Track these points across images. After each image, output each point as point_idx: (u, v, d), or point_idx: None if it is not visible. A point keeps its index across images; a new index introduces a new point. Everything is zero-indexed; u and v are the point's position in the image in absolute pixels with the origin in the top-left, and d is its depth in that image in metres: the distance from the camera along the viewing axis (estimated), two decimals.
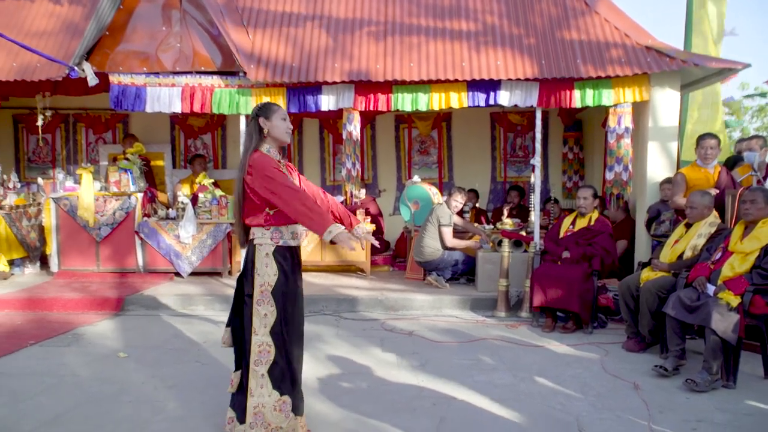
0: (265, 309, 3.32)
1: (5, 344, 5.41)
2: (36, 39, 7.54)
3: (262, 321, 3.31)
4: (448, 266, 7.44)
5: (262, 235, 3.36)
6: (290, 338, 3.39)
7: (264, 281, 3.32)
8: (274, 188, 3.25)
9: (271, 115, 3.40)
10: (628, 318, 5.48)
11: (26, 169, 10.24)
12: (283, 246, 3.38)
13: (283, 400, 3.34)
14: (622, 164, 7.25)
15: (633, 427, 3.73)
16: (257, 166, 3.28)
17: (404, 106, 7.45)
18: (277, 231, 3.36)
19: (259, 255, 3.35)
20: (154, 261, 7.94)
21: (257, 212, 3.35)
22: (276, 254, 3.35)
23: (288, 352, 3.37)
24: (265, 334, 3.31)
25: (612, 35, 7.43)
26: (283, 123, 3.44)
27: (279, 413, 3.32)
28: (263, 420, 3.29)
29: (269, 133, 3.40)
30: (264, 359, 3.30)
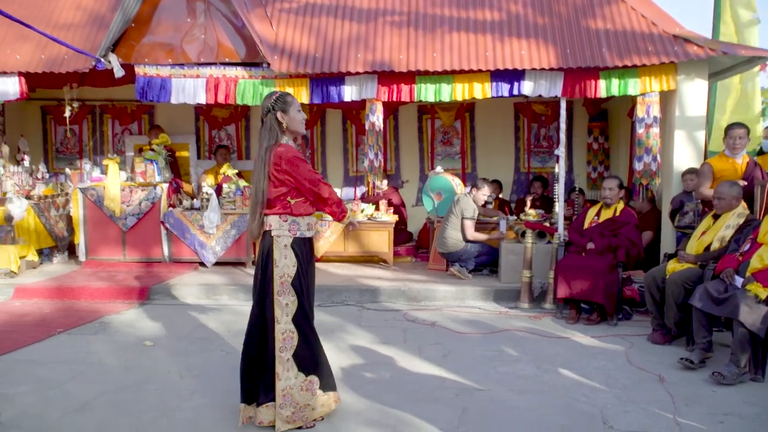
0: (286, 299, 3.44)
1: (34, 332, 5.52)
2: (63, 31, 7.63)
3: (284, 310, 3.44)
4: (471, 257, 7.41)
5: (280, 227, 3.45)
6: (310, 323, 3.56)
7: (283, 272, 3.44)
8: (306, 177, 3.43)
9: (288, 108, 3.48)
10: (653, 310, 5.42)
11: (54, 159, 10.38)
12: (300, 237, 3.49)
13: (310, 380, 3.50)
14: (651, 155, 7.15)
15: (658, 420, 3.70)
16: (287, 157, 3.40)
17: (427, 96, 7.42)
18: (295, 222, 3.47)
19: (277, 246, 3.44)
20: (179, 251, 8.03)
21: (278, 203, 3.45)
22: (294, 245, 3.46)
23: (309, 336, 3.53)
24: (288, 322, 3.45)
25: (638, 23, 7.32)
26: (299, 114, 3.54)
27: (306, 392, 3.48)
28: (292, 400, 3.44)
29: (288, 126, 3.47)
30: (288, 345, 3.45)
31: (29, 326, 5.74)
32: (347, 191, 10.13)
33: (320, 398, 3.54)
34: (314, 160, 10.22)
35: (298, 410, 3.45)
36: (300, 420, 3.46)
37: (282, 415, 3.42)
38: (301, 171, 3.43)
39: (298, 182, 3.42)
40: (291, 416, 3.44)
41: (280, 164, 3.38)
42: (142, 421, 3.66)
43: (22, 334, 5.46)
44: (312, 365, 3.52)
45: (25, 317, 6.09)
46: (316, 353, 3.57)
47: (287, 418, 3.43)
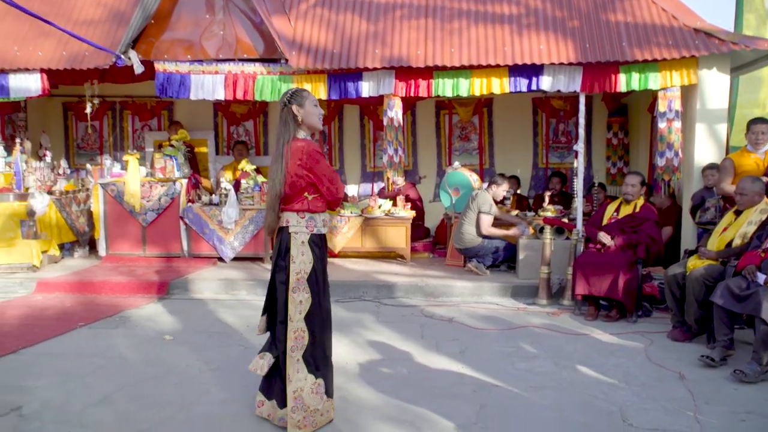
0: (301, 296, 3.41)
1: (56, 326, 5.59)
2: (84, 28, 7.69)
3: (298, 308, 3.41)
4: (489, 253, 7.39)
5: (298, 223, 3.44)
6: (322, 323, 3.51)
7: (300, 269, 3.42)
8: (323, 171, 3.41)
9: (304, 102, 3.46)
10: (673, 307, 5.37)
11: (75, 155, 10.50)
12: (316, 234, 3.49)
13: (318, 383, 3.47)
14: (673, 150, 7.08)
15: (678, 417, 3.67)
16: (308, 151, 3.38)
17: (445, 91, 7.40)
18: (312, 219, 3.46)
19: (294, 243, 3.43)
20: (198, 246, 8.09)
21: (296, 198, 3.43)
22: (311, 242, 3.45)
23: (321, 337, 3.49)
24: (300, 320, 3.41)
25: (659, 17, 7.24)
26: (316, 109, 3.51)
27: (315, 395, 3.44)
28: (302, 404, 3.40)
29: (303, 120, 3.46)
30: (299, 344, 3.41)
31: (51, 320, 5.82)
32: (365, 187, 10.14)
33: (326, 403, 3.50)
34: (332, 156, 10.23)
35: (308, 414, 3.41)
36: (310, 425, 3.41)
37: (293, 419, 3.38)
38: (322, 167, 3.41)
39: (317, 178, 3.40)
40: (302, 421, 3.39)
41: (302, 158, 3.35)
42: (161, 414, 3.69)
43: (43, 327, 5.53)
44: (320, 367, 3.48)
45: (46, 311, 6.17)
46: (326, 355, 3.54)
47: (298, 422, 3.38)
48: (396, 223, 8.04)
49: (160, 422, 3.58)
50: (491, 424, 3.56)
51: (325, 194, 3.46)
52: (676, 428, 3.53)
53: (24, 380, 4.25)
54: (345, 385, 4.16)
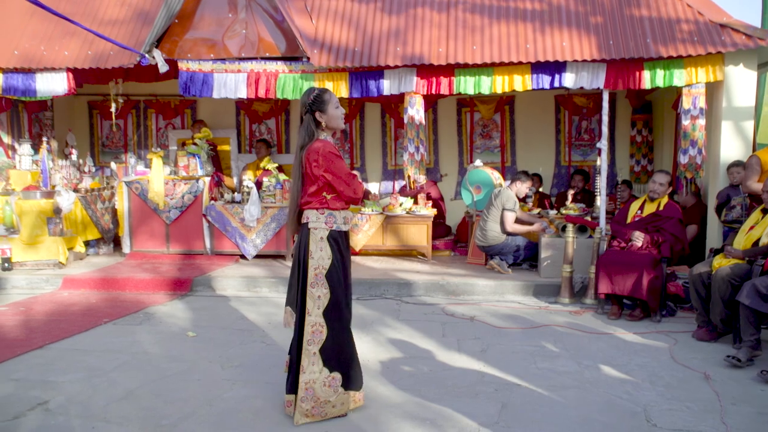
0: (319, 291, 3.46)
1: (82, 322, 5.67)
2: (109, 27, 7.78)
3: (316, 303, 3.46)
4: (511, 251, 7.35)
5: (317, 219, 3.48)
6: (342, 319, 3.55)
7: (318, 264, 3.46)
8: (339, 171, 3.44)
9: (326, 108, 3.50)
10: (698, 306, 5.30)
11: (100, 153, 10.63)
12: (336, 230, 3.52)
13: (333, 377, 3.51)
14: (697, 147, 6.98)
15: (704, 418, 3.62)
16: (324, 153, 3.42)
17: (467, 89, 7.37)
18: (331, 216, 3.50)
19: (313, 239, 3.47)
20: (220, 243, 8.15)
21: (315, 198, 3.48)
22: (330, 238, 3.49)
23: (339, 332, 3.53)
24: (318, 315, 3.46)
25: (684, 13, 7.15)
26: (338, 111, 3.55)
27: (328, 388, 3.49)
28: (313, 394, 3.46)
29: (326, 125, 3.51)
30: (317, 339, 3.46)
31: (77, 316, 5.90)
32: (386, 185, 10.14)
33: (341, 396, 3.54)
34: (353, 154, 10.25)
35: (318, 405, 3.46)
36: (318, 415, 3.48)
37: (302, 408, 3.45)
38: (337, 167, 3.44)
39: (333, 178, 3.43)
40: (310, 410, 3.45)
41: (318, 159, 3.40)
42: (184, 410, 3.73)
43: (69, 323, 5.61)
44: (337, 362, 3.51)
45: (72, 307, 6.26)
46: (345, 350, 3.56)
47: (306, 411, 3.45)
48: (417, 221, 8.04)
49: (183, 418, 3.62)
50: (513, 424, 3.54)
51: (341, 194, 3.49)
52: (702, 429, 3.48)
53: (50, 375, 4.31)
54: (366, 382, 4.15)
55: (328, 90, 3.56)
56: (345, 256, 3.59)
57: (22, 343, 5.00)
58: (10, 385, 4.13)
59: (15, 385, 4.13)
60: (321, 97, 3.50)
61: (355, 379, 3.61)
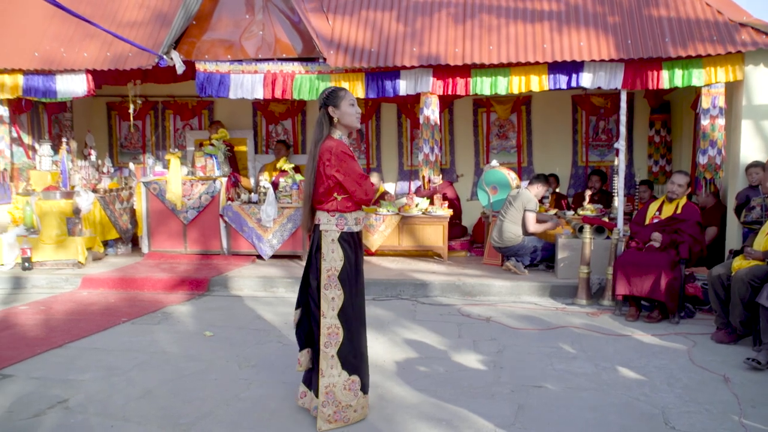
0: (333, 293, 3.44)
1: (100, 321, 5.72)
2: (127, 29, 7.85)
3: (330, 304, 3.44)
4: (528, 252, 7.32)
5: (328, 221, 3.48)
6: (357, 320, 3.53)
7: (330, 266, 3.45)
8: (350, 172, 3.41)
9: (339, 103, 3.48)
10: (717, 308, 5.25)
11: (119, 154, 10.73)
12: (347, 232, 3.50)
13: (353, 380, 3.49)
14: (716, 147, 6.91)
15: (723, 421, 3.59)
16: (335, 152, 3.41)
17: (483, 90, 7.35)
18: (342, 218, 3.48)
19: (325, 240, 3.47)
20: (237, 244, 8.20)
21: (327, 198, 3.47)
22: (341, 240, 3.48)
23: (355, 333, 3.51)
24: (334, 317, 3.44)
25: (703, 12, 7.08)
26: (352, 108, 3.51)
27: (348, 392, 3.47)
28: (334, 398, 3.44)
29: (339, 120, 3.50)
30: (333, 341, 3.44)
31: (95, 315, 5.96)
32: (402, 185, 10.14)
33: (361, 400, 3.52)
34: (369, 154, 10.26)
35: (339, 410, 3.44)
36: (341, 420, 3.45)
37: (324, 413, 3.42)
38: (349, 168, 3.42)
39: (345, 179, 3.41)
40: (333, 416, 3.43)
41: (331, 159, 3.39)
42: (202, 409, 3.75)
43: (88, 322, 5.67)
44: (355, 364, 3.49)
45: (91, 306, 6.32)
46: (361, 352, 3.54)
47: (329, 417, 3.42)
48: (433, 221, 8.03)
49: (201, 417, 3.64)
50: (530, 425, 3.53)
51: (353, 195, 3.46)
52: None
53: (70, 374, 4.36)
54: (383, 383, 4.17)
55: (346, 89, 3.56)
56: (358, 256, 3.57)
57: (42, 342, 5.06)
58: (31, 383, 4.18)
59: (35, 383, 4.18)
60: (336, 93, 3.49)
61: (367, 381, 3.60)
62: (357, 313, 3.54)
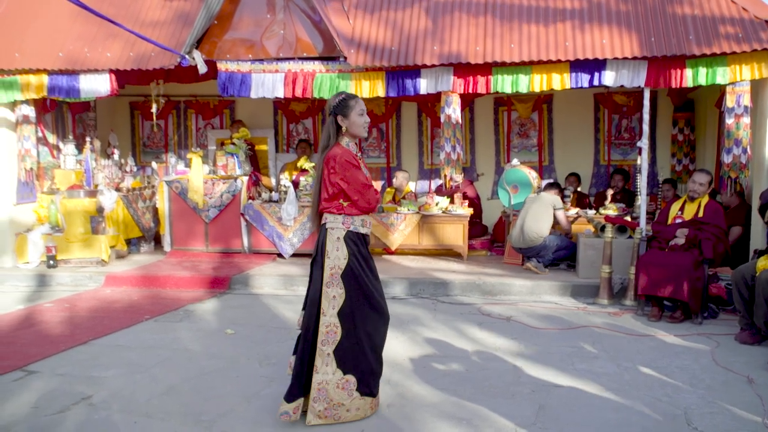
0: (334, 291, 3.45)
1: (124, 318, 5.79)
2: (150, 29, 7.92)
3: (331, 303, 3.45)
4: (551, 251, 7.26)
5: (334, 220, 3.51)
6: (360, 321, 3.50)
7: (334, 264, 3.47)
8: (353, 180, 3.44)
9: (349, 113, 3.50)
10: (741, 308, 5.18)
11: (141, 153, 10.83)
12: (353, 231, 3.52)
13: (347, 379, 3.48)
14: (741, 146, 6.81)
15: (746, 423, 3.54)
16: (339, 160, 3.44)
17: (504, 88, 7.31)
18: (348, 217, 3.51)
19: (330, 239, 3.49)
20: (258, 242, 8.25)
21: (331, 203, 3.51)
22: (347, 238, 3.49)
23: (356, 334, 3.48)
24: (333, 315, 3.45)
25: (728, 9, 6.98)
26: (360, 118, 3.52)
27: (342, 391, 3.46)
28: (326, 395, 3.44)
29: (347, 130, 3.51)
30: (331, 339, 3.45)
31: (119, 312, 6.03)
32: (422, 184, 10.13)
33: (356, 400, 3.50)
34: (389, 153, 10.26)
35: (330, 407, 3.44)
36: (332, 417, 3.45)
37: (314, 408, 3.43)
38: (352, 176, 3.45)
39: (348, 187, 3.44)
40: (323, 411, 3.44)
41: (335, 167, 3.44)
42: (223, 406, 3.78)
43: (112, 320, 5.74)
44: (352, 364, 3.47)
45: (114, 304, 6.40)
46: (360, 353, 3.49)
47: (319, 413, 3.43)
48: (453, 220, 8.01)
49: (222, 414, 3.67)
50: (550, 425, 3.51)
51: (356, 204, 3.50)
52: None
53: (94, 371, 4.42)
54: (403, 381, 4.18)
55: (357, 97, 3.55)
56: (365, 258, 3.56)
57: (66, 339, 5.14)
58: (56, 379, 4.25)
59: (60, 379, 4.24)
60: (346, 102, 3.50)
61: (371, 384, 3.56)
62: (363, 315, 3.50)
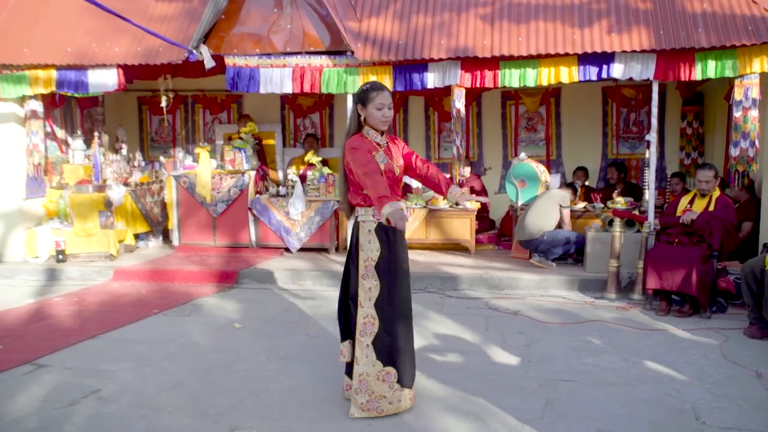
0: (370, 283, 3.47)
1: (133, 312, 5.82)
2: (158, 24, 7.93)
3: (367, 294, 3.48)
4: (560, 244, 7.24)
5: (365, 213, 3.53)
6: (394, 312, 3.52)
7: (368, 256, 3.49)
8: (356, 164, 3.40)
9: (367, 104, 3.50)
10: (750, 303, 5.16)
11: (149, 148, 10.86)
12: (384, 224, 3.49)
13: (387, 371, 3.49)
14: (749, 139, 6.77)
15: (754, 417, 3.53)
16: (349, 147, 3.47)
17: (512, 82, 7.28)
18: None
19: (362, 231, 3.52)
20: (265, 236, 8.27)
21: (357, 191, 3.52)
22: (378, 231, 3.50)
23: (392, 326, 3.50)
24: (370, 307, 3.47)
25: (737, 2, 6.92)
26: (378, 112, 3.49)
27: (383, 383, 3.48)
28: (367, 387, 3.47)
29: (366, 120, 3.51)
30: (369, 331, 3.47)
31: (127, 306, 6.06)
32: None
33: (397, 392, 3.51)
34: None
35: (372, 399, 3.47)
36: (374, 410, 3.48)
37: (357, 400, 3.48)
38: (355, 158, 3.41)
39: (355, 171, 3.41)
40: (365, 404, 3.46)
41: (347, 156, 3.48)
42: (231, 400, 3.80)
43: (121, 314, 5.77)
44: (390, 356, 3.49)
45: (123, 298, 6.43)
46: (398, 345, 3.51)
47: (362, 405, 3.47)
48: (460, 214, 8.00)
49: (230, 408, 3.69)
50: (558, 420, 3.51)
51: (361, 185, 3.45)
52: (753, 428, 3.40)
53: (103, 364, 4.45)
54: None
55: (382, 89, 3.49)
56: (397, 249, 3.56)
57: (75, 332, 5.17)
58: (65, 373, 4.27)
59: (69, 373, 4.27)
60: (367, 93, 3.49)
61: (409, 375, 3.57)
62: (396, 306, 3.52)
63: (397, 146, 3.70)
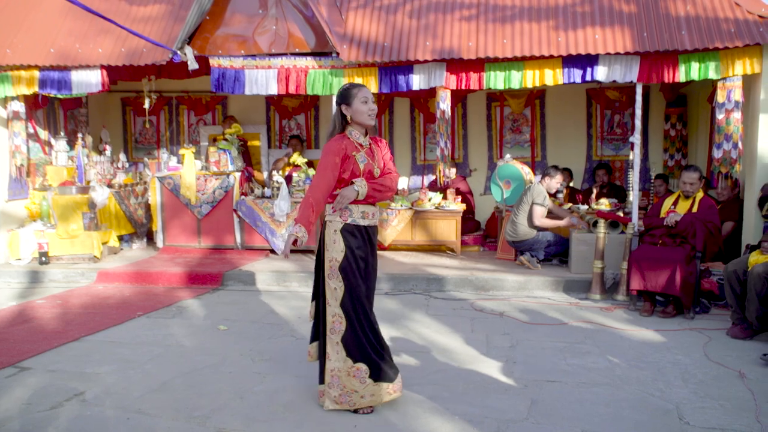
0: (335, 283, 3.53)
1: (116, 315, 5.77)
2: (142, 24, 7.88)
3: (333, 294, 3.53)
4: (542, 247, 7.29)
5: (332, 213, 3.56)
6: (360, 311, 3.55)
7: (332, 257, 3.53)
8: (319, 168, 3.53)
9: (351, 101, 3.53)
10: (733, 303, 5.21)
11: (133, 149, 10.78)
12: (351, 224, 3.54)
13: (357, 367, 3.53)
14: (732, 141, 6.83)
15: (738, 417, 3.57)
16: (324, 150, 3.55)
17: (497, 84, 7.30)
18: (347, 209, 3.54)
19: (328, 232, 3.56)
20: (251, 238, 8.23)
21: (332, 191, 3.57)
22: (344, 231, 3.53)
23: (359, 324, 3.54)
24: (336, 306, 3.53)
25: (720, 4, 6.99)
26: (364, 106, 3.54)
27: (353, 379, 3.53)
28: (339, 382, 3.54)
29: (352, 119, 3.54)
30: (337, 329, 3.54)
31: (111, 309, 6.02)
32: (415, 180, 10.12)
33: (370, 387, 3.54)
34: None
35: (345, 393, 3.53)
36: (347, 404, 3.54)
37: (330, 394, 3.56)
38: (321, 162, 3.52)
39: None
40: (338, 397, 3.54)
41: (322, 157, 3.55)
42: (216, 402, 3.78)
43: (104, 316, 5.72)
44: (359, 353, 3.52)
45: (107, 300, 6.38)
46: (366, 342, 3.54)
47: (335, 398, 3.55)
48: (446, 216, 8.02)
49: (215, 410, 3.67)
50: (543, 420, 3.52)
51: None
52: (736, 428, 3.43)
53: (86, 367, 4.41)
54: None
55: (361, 86, 3.58)
56: (363, 250, 3.56)
57: (59, 335, 5.12)
58: (48, 376, 4.23)
59: (52, 376, 4.23)
60: (348, 91, 3.54)
61: (384, 370, 3.58)
62: (360, 305, 3.54)
63: (380, 149, 3.71)
